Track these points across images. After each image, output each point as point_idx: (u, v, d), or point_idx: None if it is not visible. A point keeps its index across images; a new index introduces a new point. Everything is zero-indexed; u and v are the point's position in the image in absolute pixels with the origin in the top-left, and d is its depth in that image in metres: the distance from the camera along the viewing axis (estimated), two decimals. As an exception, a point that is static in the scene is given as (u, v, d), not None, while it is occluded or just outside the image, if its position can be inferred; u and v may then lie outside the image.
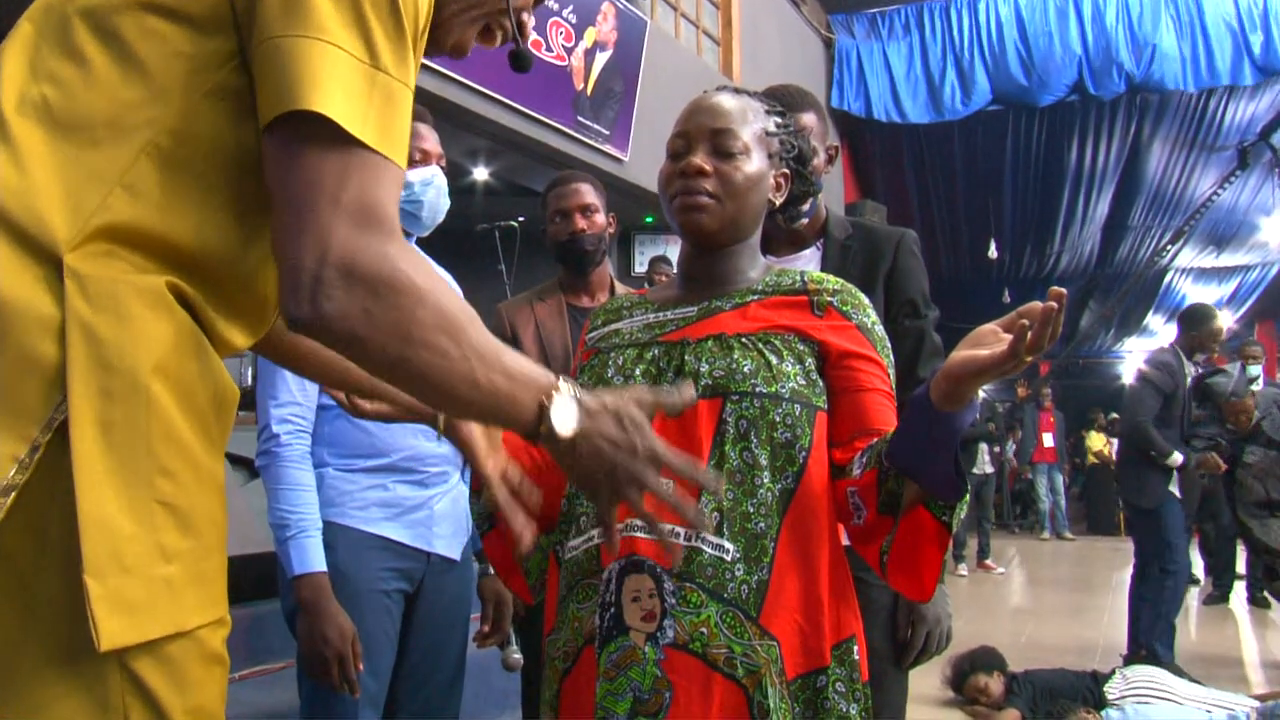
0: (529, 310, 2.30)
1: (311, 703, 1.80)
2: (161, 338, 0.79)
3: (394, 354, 0.82)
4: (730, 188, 1.26)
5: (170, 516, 0.79)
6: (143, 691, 0.77)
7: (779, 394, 1.19)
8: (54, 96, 0.81)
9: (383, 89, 0.82)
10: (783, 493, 1.18)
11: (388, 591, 1.84)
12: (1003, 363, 0.99)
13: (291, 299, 0.79)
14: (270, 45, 0.79)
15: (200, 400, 0.83)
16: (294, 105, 0.77)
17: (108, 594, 0.74)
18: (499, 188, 7.54)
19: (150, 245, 0.80)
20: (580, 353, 1.41)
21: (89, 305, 0.76)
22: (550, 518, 1.32)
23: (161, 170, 0.81)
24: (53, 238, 0.77)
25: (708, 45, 8.41)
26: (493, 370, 0.87)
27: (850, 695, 1.18)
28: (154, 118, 0.81)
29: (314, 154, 0.79)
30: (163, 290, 0.80)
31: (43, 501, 0.74)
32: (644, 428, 0.95)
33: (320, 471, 1.83)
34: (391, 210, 0.82)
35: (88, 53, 0.82)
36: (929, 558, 1.16)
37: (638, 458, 0.93)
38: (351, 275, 0.79)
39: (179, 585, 0.79)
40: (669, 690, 1.11)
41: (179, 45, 0.82)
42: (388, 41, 0.82)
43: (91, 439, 0.75)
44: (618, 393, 0.96)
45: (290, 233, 0.79)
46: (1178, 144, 10.22)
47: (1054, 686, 3.91)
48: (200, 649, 0.81)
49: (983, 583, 7.89)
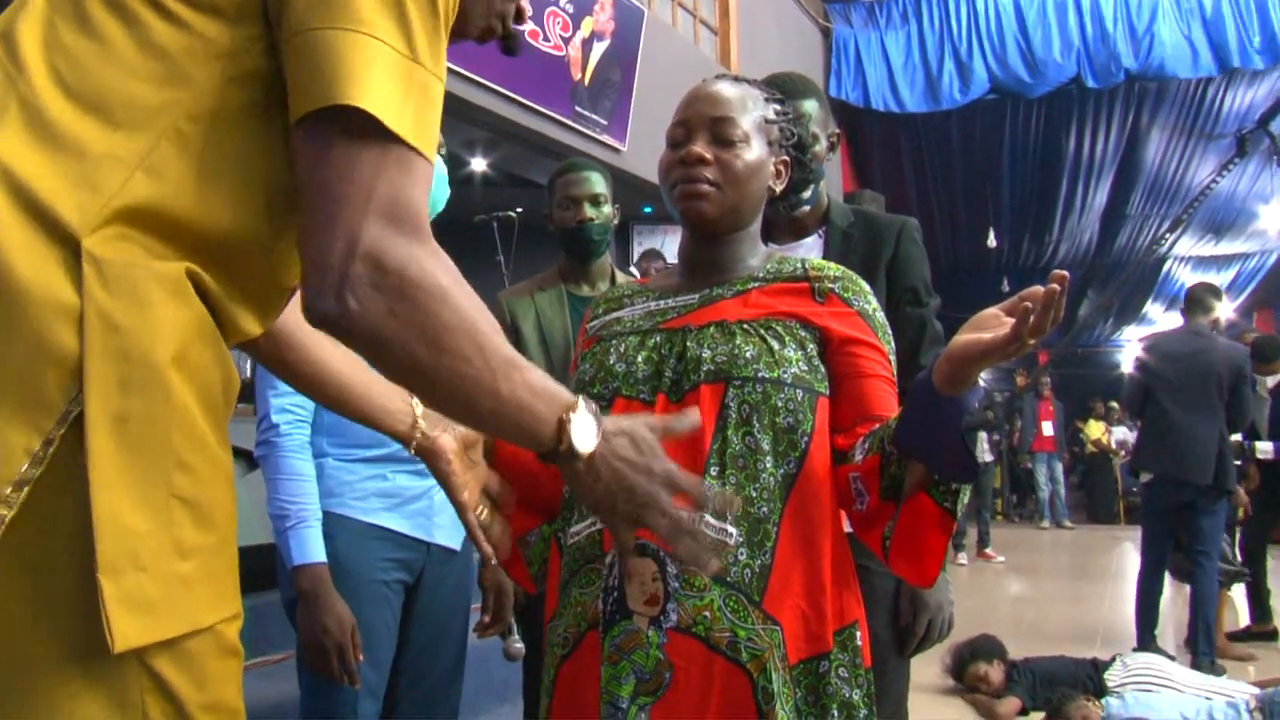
0: (529, 299, 2.29)
1: (311, 694, 1.80)
2: (181, 326, 0.77)
3: (416, 357, 0.80)
4: (730, 175, 1.26)
5: (187, 512, 0.77)
6: (162, 688, 0.76)
7: (781, 379, 1.19)
8: (70, 73, 0.78)
9: (420, 83, 0.80)
10: (785, 478, 1.18)
11: (388, 582, 1.83)
12: (1005, 345, 0.99)
13: (316, 294, 0.77)
14: (308, 37, 0.77)
15: (214, 390, 0.82)
16: (334, 100, 0.75)
17: (122, 593, 0.72)
18: (497, 178, 7.54)
19: (170, 230, 0.78)
20: (582, 341, 1.41)
21: (107, 292, 0.73)
22: (552, 505, 1.32)
23: (183, 154, 0.78)
24: (72, 220, 0.74)
25: (705, 35, 8.40)
26: (515, 383, 0.86)
27: (853, 680, 1.18)
28: (175, 100, 0.79)
29: (350, 147, 0.77)
30: (182, 277, 0.78)
31: (57, 496, 0.72)
32: (658, 450, 0.96)
33: (320, 461, 1.82)
34: (423, 209, 0.80)
35: (106, 30, 0.79)
36: (932, 544, 1.16)
37: (654, 480, 0.94)
38: (379, 273, 0.77)
39: (195, 582, 0.78)
40: (669, 671, 1.11)
41: (201, 29, 0.80)
42: (425, 34, 0.80)
43: (107, 433, 0.73)
44: (630, 417, 0.98)
45: (319, 226, 0.77)
46: (1176, 132, 10.22)
47: (1054, 674, 3.92)
48: (218, 643, 0.80)
49: (983, 571, 7.91)
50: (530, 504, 1.33)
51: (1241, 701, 3.38)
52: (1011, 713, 3.82)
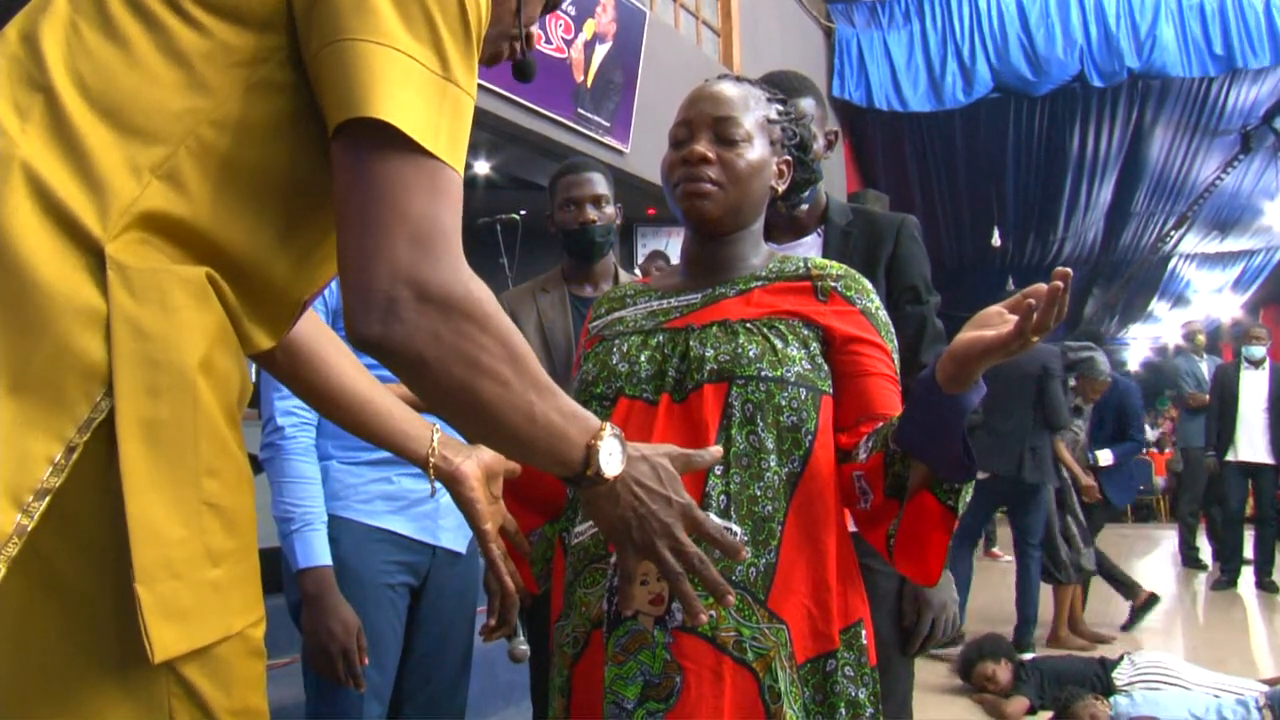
0: (531, 301, 2.29)
1: (317, 697, 1.80)
2: (206, 331, 0.77)
3: (457, 379, 0.81)
4: (733, 174, 1.26)
5: (216, 518, 0.77)
6: (190, 694, 0.76)
7: (784, 378, 1.19)
8: (92, 77, 0.78)
9: (453, 101, 0.80)
10: (789, 476, 1.18)
11: (393, 585, 1.83)
12: (1008, 343, 0.99)
13: (361, 318, 0.77)
14: (338, 48, 0.76)
15: (233, 396, 0.82)
16: (363, 111, 0.75)
17: (158, 602, 0.72)
18: (500, 181, 7.54)
19: (188, 238, 0.78)
20: (585, 340, 1.41)
21: (133, 298, 0.73)
22: (554, 504, 1.32)
23: (203, 162, 0.78)
24: (94, 226, 0.73)
25: (707, 36, 8.39)
26: (549, 406, 0.88)
27: (859, 679, 1.18)
28: (195, 108, 0.78)
29: (386, 165, 0.77)
30: (204, 281, 0.78)
31: (82, 503, 0.72)
32: (678, 482, 0.98)
33: (325, 464, 1.82)
34: (458, 227, 0.80)
35: (128, 34, 0.79)
36: (935, 542, 1.16)
37: (671, 511, 0.96)
38: (424, 296, 0.77)
39: (225, 588, 0.78)
40: (679, 674, 1.11)
41: (223, 36, 0.80)
42: (458, 53, 0.80)
43: (139, 440, 0.72)
44: (651, 446, 1.00)
45: (360, 248, 0.77)
46: (1180, 129, 10.19)
47: (1062, 673, 3.90)
48: (246, 647, 0.80)
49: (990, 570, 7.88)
50: (533, 503, 1.33)
51: (1251, 699, 3.37)
52: (1019, 712, 3.81)
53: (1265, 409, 6.54)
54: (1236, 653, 4.88)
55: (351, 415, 1.16)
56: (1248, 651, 5.02)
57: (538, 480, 1.31)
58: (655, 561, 0.98)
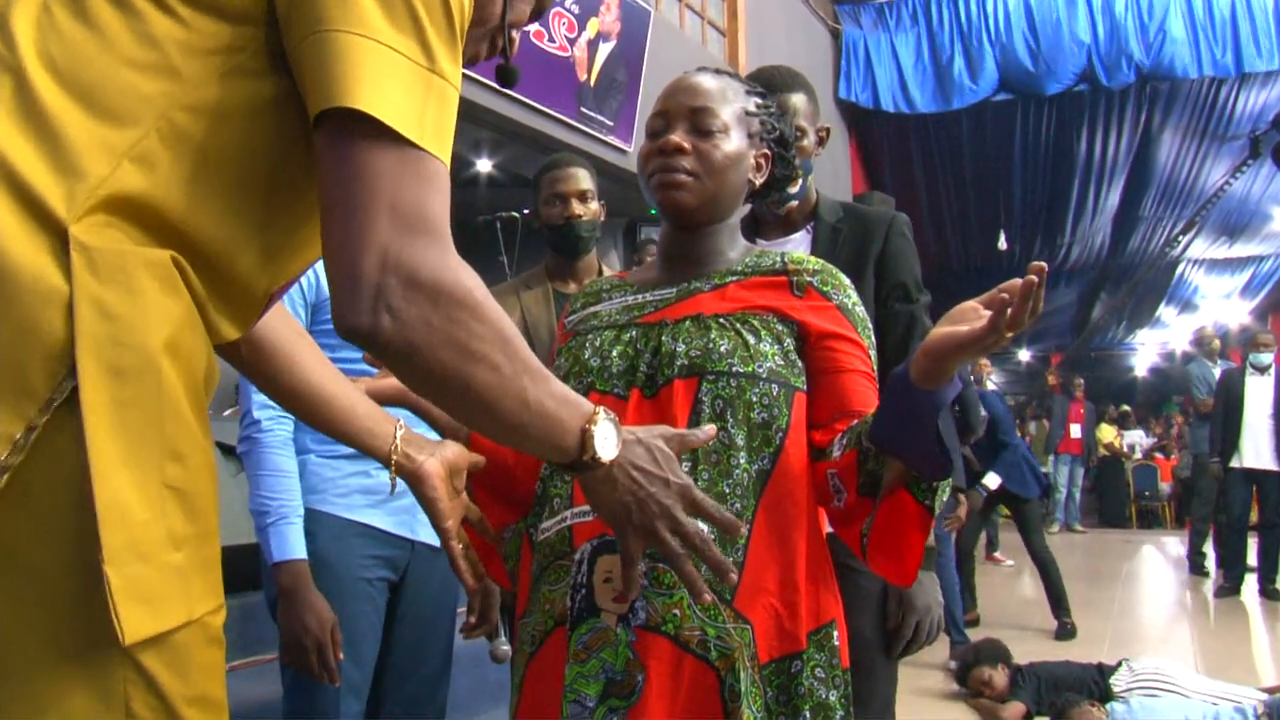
0: (515, 298, 2.28)
1: (293, 692, 1.78)
2: (171, 315, 0.77)
3: (449, 366, 0.81)
4: (709, 165, 1.24)
5: (178, 502, 0.76)
6: (146, 680, 0.75)
7: (756, 373, 1.17)
8: (64, 59, 0.77)
9: (438, 92, 0.80)
10: (759, 474, 1.16)
11: (370, 579, 1.81)
12: (982, 338, 0.97)
13: (350, 308, 0.77)
14: (321, 38, 0.76)
15: (198, 380, 0.81)
16: (343, 101, 0.75)
17: (126, 584, 0.71)
18: (502, 179, 7.53)
19: (154, 222, 0.77)
20: (559, 335, 1.39)
21: (97, 279, 0.72)
22: (525, 501, 1.30)
23: (174, 146, 0.78)
24: (59, 206, 0.73)
25: (713, 36, 8.38)
26: (542, 391, 0.88)
27: (829, 681, 1.16)
28: (167, 92, 0.78)
29: (370, 155, 0.77)
30: (169, 264, 0.77)
31: (39, 481, 0.71)
32: (674, 463, 0.99)
33: (302, 458, 1.80)
34: (445, 216, 0.80)
35: (102, 19, 0.78)
36: (911, 541, 1.14)
37: (669, 491, 0.97)
38: (413, 283, 0.77)
39: (188, 572, 0.77)
40: (642, 673, 1.09)
41: (199, 26, 0.79)
42: (442, 44, 0.81)
43: (105, 420, 0.72)
44: (645, 428, 1.01)
45: (347, 238, 0.77)
46: (1188, 133, 10.15)
47: (1059, 679, 3.87)
48: (205, 634, 0.79)
49: (991, 574, 7.85)
50: (505, 499, 1.31)
51: (1249, 707, 3.34)
52: (1016, 717, 3.78)
53: (1271, 415, 6.49)
54: (1239, 660, 4.85)
55: (314, 410, 1.15)
56: (1250, 659, 4.98)
57: (510, 476, 1.29)
58: (657, 544, 0.98)
